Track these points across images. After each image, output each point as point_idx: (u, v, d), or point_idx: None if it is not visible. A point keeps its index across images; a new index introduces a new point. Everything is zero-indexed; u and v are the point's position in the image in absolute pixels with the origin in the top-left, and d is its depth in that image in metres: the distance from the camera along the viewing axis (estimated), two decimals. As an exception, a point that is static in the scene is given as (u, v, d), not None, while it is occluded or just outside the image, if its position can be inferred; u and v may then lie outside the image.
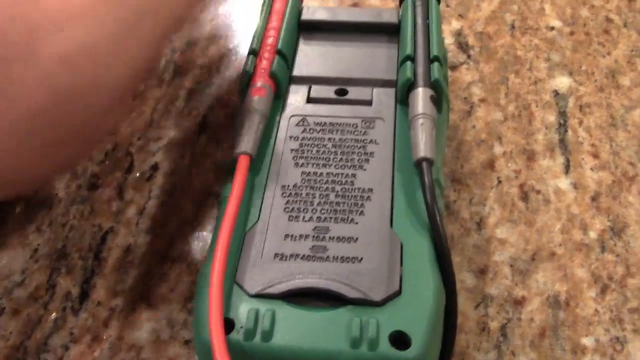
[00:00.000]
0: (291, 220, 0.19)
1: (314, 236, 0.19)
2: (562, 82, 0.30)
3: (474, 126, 0.28)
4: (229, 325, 0.17)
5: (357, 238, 0.19)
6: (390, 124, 0.22)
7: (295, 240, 0.19)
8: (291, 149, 0.21)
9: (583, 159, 0.27)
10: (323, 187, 0.20)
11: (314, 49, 0.25)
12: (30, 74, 0.17)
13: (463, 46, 0.32)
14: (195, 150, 0.28)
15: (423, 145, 0.20)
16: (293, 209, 0.20)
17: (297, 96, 0.23)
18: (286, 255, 0.18)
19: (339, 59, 0.25)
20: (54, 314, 0.23)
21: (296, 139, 0.22)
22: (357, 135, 0.22)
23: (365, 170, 0.21)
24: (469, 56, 0.31)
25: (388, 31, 0.26)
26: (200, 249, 0.25)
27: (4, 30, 0.17)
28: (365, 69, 0.24)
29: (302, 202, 0.20)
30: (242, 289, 0.17)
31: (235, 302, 0.17)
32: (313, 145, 0.22)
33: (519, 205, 0.26)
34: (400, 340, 0.16)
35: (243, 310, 0.17)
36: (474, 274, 0.24)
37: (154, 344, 0.22)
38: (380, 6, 0.34)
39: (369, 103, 0.23)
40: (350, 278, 0.18)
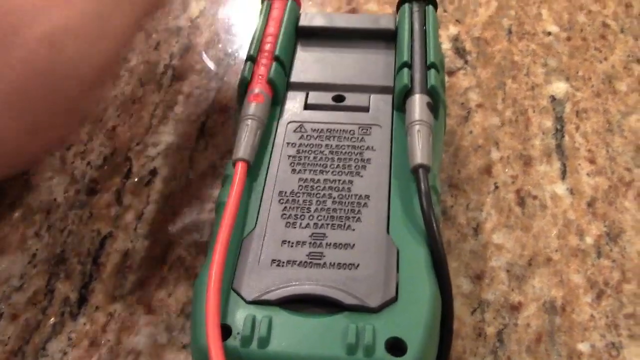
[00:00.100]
0: (288, 227, 0.19)
1: (310, 242, 0.19)
2: (559, 88, 0.30)
3: (471, 131, 0.29)
4: (226, 331, 0.17)
5: (354, 244, 0.19)
6: (387, 131, 0.22)
7: (292, 246, 0.19)
8: (288, 155, 0.22)
9: (580, 164, 0.27)
10: (320, 194, 0.20)
11: (311, 55, 0.25)
12: (14, 55, 0.17)
13: (460, 51, 0.32)
14: (193, 156, 0.28)
15: (419, 152, 0.20)
16: (290, 215, 0.20)
17: (295, 102, 0.23)
18: (283, 262, 0.19)
19: (336, 65, 0.25)
20: (53, 318, 0.23)
21: (293, 145, 0.22)
22: (354, 141, 0.22)
23: (362, 176, 0.21)
24: (466, 61, 0.32)
25: (385, 37, 0.26)
26: (198, 254, 0.25)
27: None
28: (362, 75, 0.24)
29: (299, 209, 0.20)
30: (240, 295, 0.18)
31: (232, 309, 0.17)
32: (310, 152, 0.22)
33: (515, 211, 0.26)
34: (396, 346, 0.17)
35: (240, 316, 0.17)
36: (470, 279, 0.24)
37: (152, 348, 0.22)
38: (377, 11, 0.34)
39: (366, 109, 0.23)
40: (347, 284, 0.18)
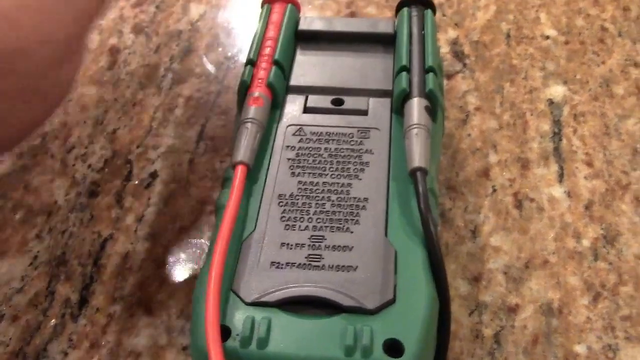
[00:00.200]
0: (287, 229, 0.20)
1: (309, 245, 0.19)
2: (557, 91, 0.30)
3: (469, 134, 0.29)
4: (225, 332, 0.17)
5: (352, 247, 0.19)
6: (385, 134, 0.22)
7: (291, 248, 0.19)
8: (288, 159, 0.22)
9: (577, 167, 0.27)
10: (319, 197, 0.21)
11: (310, 59, 0.26)
12: None
13: (459, 55, 0.32)
14: (193, 159, 0.28)
15: (417, 155, 0.20)
16: (289, 218, 0.20)
17: (294, 106, 0.24)
18: (282, 264, 0.19)
19: (335, 69, 0.25)
20: (53, 320, 0.23)
21: (293, 148, 0.22)
22: (353, 145, 0.22)
23: (360, 179, 0.21)
24: (464, 65, 0.32)
25: (384, 41, 0.26)
26: (198, 256, 0.25)
27: None
28: (361, 79, 0.24)
29: (298, 211, 0.20)
30: (239, 296, 0.18)
31: (231, 310, 0.17)
32: (309, 155, 0.22)
33: (513, 214, 0.26)
34: (393, 347, 0.17)
35: (239, 318, 0.17)
36: (468, 281, 0.24)
37: (152, 350, 0.23)
38: (376, 15, 0.35)
39: (364, 113, 0.23)
40: (345, 286, 0.18)
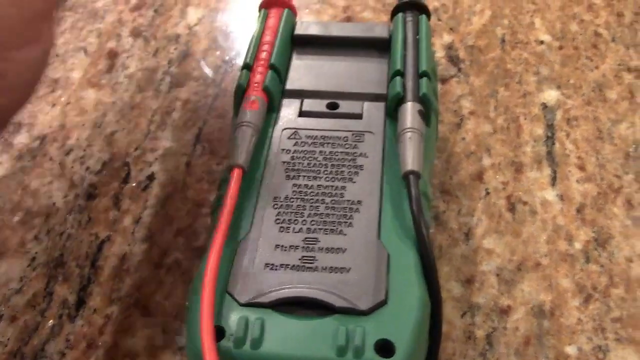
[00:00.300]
0: (282, 231, 0.20)
1: (303, 247, 0.20)
2: (551, 96, 0.31)
3: (463, 138, 0.29)
4: (219, 333, 0.17)
5: (346, 249, 0.19)
6: (379, 138, 0.23)
7: (285, 250, 0.19)
8: (283, 162, 0.22)
9: (570, 171, 0.28)
10: (313, 199, 0.21)
11: (306, 63, 0.26)
12: None
13: (454, 59, 0.33)
14: (190, 161, 0.29)
15: (410, 159, 0.21)
16: (284, 220, 0.20)
17: (290, 110, 0.24)
18: (276, 265, 0.19)
19: (331, 73, 0.25)
20: (51, 320, 0.24)
21: (288, 151, 0.22)
22: (348, 148, 0.22)
23: (354, 182, 0.21)
24: (459, 69, 0.32)
25: (379, 46, 0.26)
26: (194, 257, 0.25)
27: None
28: (356, 83, 0.25)
29: (293, 214, 0.20)
30: (233, 297, 0.18)
31: (226, 311, 0.18)
32: (304, 158, 0.22)
33: (506, 217, 0.26)
34: (385, 348, 0.17)
35: (233, 318, 0.18)
36: (461, 283, 0.24)
37: (149, 350, 0.23)
38: (372, 19, 0.35)
39: (359, 117, 0.24)
40: (338, 288, 0.18)
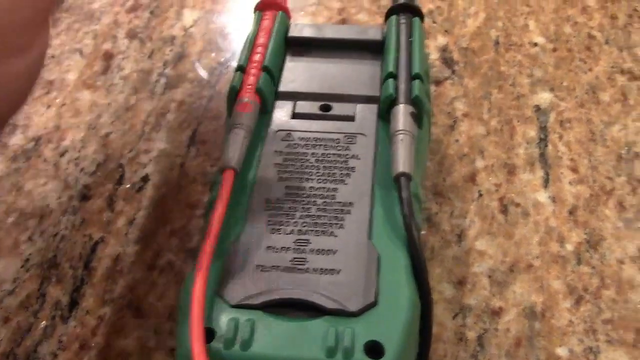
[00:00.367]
0: (273, 233, 0.20)
1: (294, 248, 0.20)
2: (544, 98, 0.31)
3: (457, 140, 0.29)
4: (209, 334, 0.17)
5: (336, 250, 0.19)
6: (371, 140, 0.23)
7: (276, 252, 0.19)
8: (275, 163, 0.22)
9: (562, 173, 0.28)
10: (305, 201, 0.21)
11: (300, 65, 0.26)
12: None
13: (448, 61, 0.33)
14: (184, 163, 0.29)
15: (402, 161, 0.21)
16: (275, 222, 0.20)
17: (283, 111, 0.24)
18: (267, 267, 0.19)
19: (324, 75, 0.25)
20: (44, 322, 0.24)
21: (280, 153, 0.22)
22: (340, 150, 0.23)
23: (346, 184, 0.21)
24: (453, 71, 0.32)
25: (372, 48, 0.26)
26: (187, 259, 0.25)
27: None
28: (349, 85, 0.25)
29: (284, 215, 0.20)
30: (224, 299, 0.18)
31: (216, 312, 0.18)
32: (297, 160, 0.22)
33: (498, 218, 0.26)
34: (374, 349, 0.17)
35: (224, 320, 0.18)
36: (453, 284, 0.25)
37: (141, 351, 0.23)
38: (367, 21, 0.35)
39: (352, 119, 0.24)
40: (329, 289, 0.18)
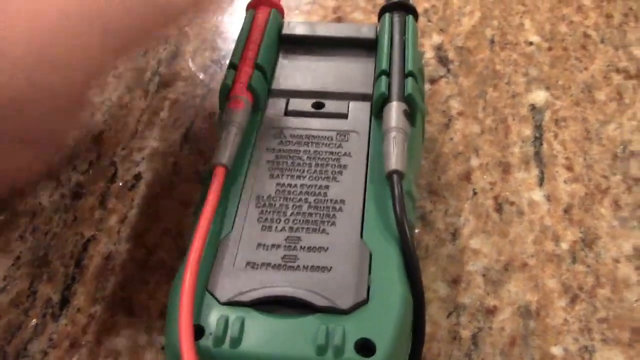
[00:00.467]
0: (264, 230, 0.20)
1: (285, 246, 0.19)
2: (539, 96, 0.31)
3: (451, 139, 0.29)
4: (199, 331, 0.17)
5: (328, 248, 0.19)
6: (364, 137, 0.23)
7: (267, 249, 0.19)
8: (267, 161, 0.22)
9: (557, 171, 0.28)
10: (296, 198, 0.21)
11: (293, 63, 0.26)
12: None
13: (443, 60, 0.33)
14: (177, 161, 0.29)
15: (394, 158, 0.21)
16: (266, 219, 0.20)
17: (275, 109, 0.24)
18: (258, 264, 0.19)
19: (317, 73, 0.25)
20: (35, 320, 0.24)
21: (272, 150, 0.22)
22: (332, 147, 0.22)
23: (338, 182, 0.21)
24: (448, 70, 0.32)
25: (366, 46, 0.26)
26: (179, 257, 0.25)
27: None
28: (342, 83, 0.25)
29: (276, 213, 0.20)
30: (214, 296, 0.18)
31: (206, 310, 0.18)
32: (288, 157, 0.22)
33: (493, 217, 0.26)
34: (365, 347, 0.17)
35: (213, 317, 0.17)
36: (447, 283, 0.24)
37: (132, 349, 0.23)
38: (363, 20, 0.35)
39: (344, 116, 0.23)
40: (320, 287, 0.18)
